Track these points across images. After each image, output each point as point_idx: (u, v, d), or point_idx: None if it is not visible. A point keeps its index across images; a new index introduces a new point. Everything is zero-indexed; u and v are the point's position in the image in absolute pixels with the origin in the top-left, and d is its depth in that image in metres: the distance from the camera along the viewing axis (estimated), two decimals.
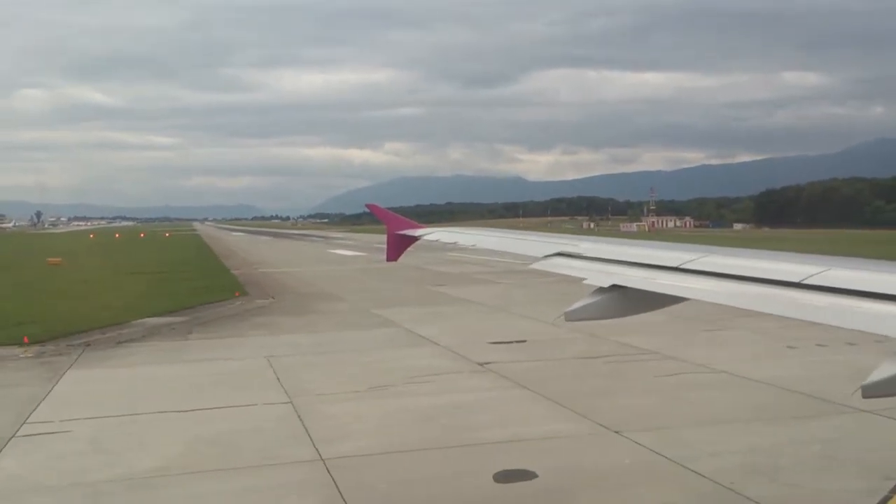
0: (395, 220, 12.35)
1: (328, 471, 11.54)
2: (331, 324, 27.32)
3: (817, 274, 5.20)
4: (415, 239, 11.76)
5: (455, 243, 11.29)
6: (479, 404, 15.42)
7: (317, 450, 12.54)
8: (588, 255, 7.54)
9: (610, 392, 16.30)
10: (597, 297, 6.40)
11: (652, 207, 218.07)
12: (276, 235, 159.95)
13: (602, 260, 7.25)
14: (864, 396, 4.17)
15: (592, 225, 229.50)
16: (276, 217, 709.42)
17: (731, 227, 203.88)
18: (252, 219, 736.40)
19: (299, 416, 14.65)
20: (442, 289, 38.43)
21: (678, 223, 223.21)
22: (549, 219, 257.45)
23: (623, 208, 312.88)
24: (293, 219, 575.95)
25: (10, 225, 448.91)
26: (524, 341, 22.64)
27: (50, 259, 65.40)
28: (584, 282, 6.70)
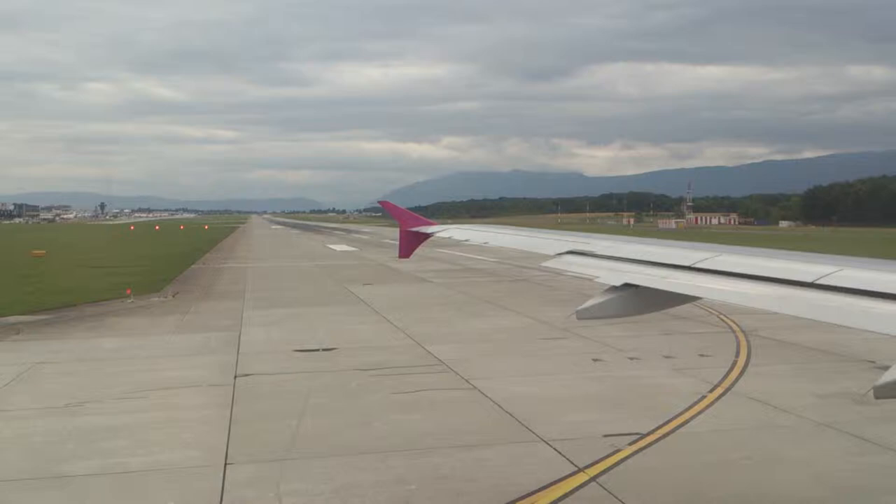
0: (407, 217, 12.26)
1: None
2: (178, 325, 25.72)
3: (830, 274, 5.17)
4: (427, 236, 11.73)
5: (467, 240, 11.12)
6: (136, 427, 13.39)
7: None
8: (600, 253, 7.53)
9: (294, 413, 14.13)
10: (609, 296, 6.34)
11: (689, 204, 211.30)
12: (309, 229, 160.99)
13: (614, 258, 7.23)
14: (877, 397, 4.14)
15: (632, 221, 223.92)
16: (333, 210, 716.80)
17: (777, 224, 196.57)
18: (310, 212, 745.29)
19: None
20: (357, 288, 36.62)
21: (722, 220, 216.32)
22: (589, 214, 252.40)
23: (672, 204, 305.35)
24: (349, 212, 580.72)
25: (72, 216, 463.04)
26: (333, 349, 20.65)
27: (34, 251, 65.96)
28: (596, 280, 6.66)
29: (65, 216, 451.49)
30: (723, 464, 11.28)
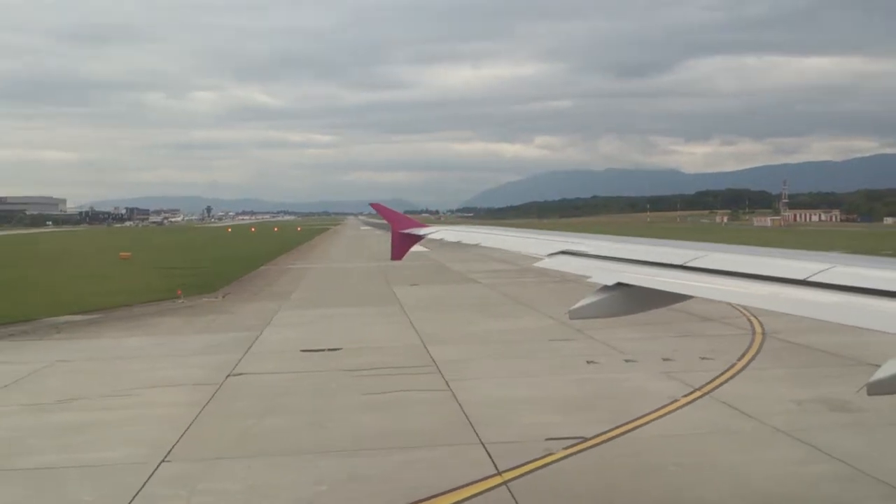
0: (399, 219, 12.39)
1: None
2: (208, 326, 26.64)
3: (822, 271, 5.13)
4: (419, 238, 11.86)
5: (458, 242, 11.19)
6: (102, 424, 14.02)
7: None
8: (592, 253, 7.61)
9: (259, 413, 14.48)
10: (601, 296, 6.34)
11: (785, 200, 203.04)
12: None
13: (607, 258, 7.26)
14: (870, 394, 4.09)
15: (726, 219, 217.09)
16: (427, 211, 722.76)
17: (882, 221, 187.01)
18: (404, 212, 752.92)
19: None
20: (401, 289, 37.00)
21: (823, 217, 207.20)
22: (681, 213, 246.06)
23: (772, 201, 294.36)
24: (441, 213, 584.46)
25: (180, 219, 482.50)
26: (338, 349, 21.02)
27: (122, 253, 69.29)
28: (589, 280, 6.64)
29: (173, 219, 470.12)
30: (649, 470, 11.00)
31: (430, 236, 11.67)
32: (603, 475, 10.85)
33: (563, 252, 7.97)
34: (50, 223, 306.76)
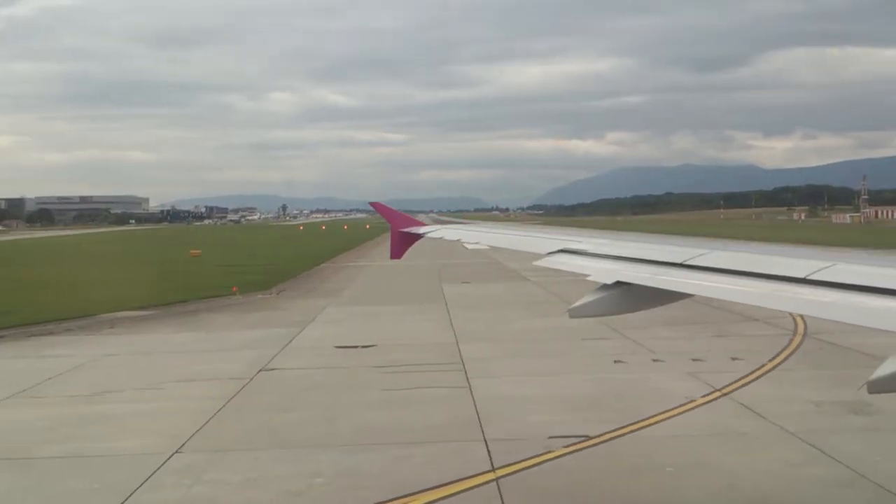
0: (398, 217, 12.35)
1: None
2: (255, 322, 27.38)
3: (823, 269, 5.12)
4: (419, 236, 11.83)
5: (458, 240, 11.27)
6: (126, 416, 14.67)
7: None
8: (591, 251, 7.59)
9: (278, 408, 14.91)
10: (601, 294, 6.35)
11: (864, 197, 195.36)
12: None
13: (606, 256, 7.25)
14: (870, 392, 4.08)
15: (803, 216, 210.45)
16: (496, 208, 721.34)
17: None
18: (474, 210, 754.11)
19: None
20: (451, 287, 37.28)
21: None
22: (756, 210, 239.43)
23: (853, 197, 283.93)
24: (511, 210, 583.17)
25: (256, 217, 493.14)
26: (372, 346, 21.40)
27: (192, 251, 71.34)
28: (588, 278, 6.66)
29: (250, 217, 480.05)
30: (641, 470, 10.99)
31: (430, 235, 11.70)
32: (593, 474, 10.90)
33: (562, 251, 7.94)
34: (133, 221, 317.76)
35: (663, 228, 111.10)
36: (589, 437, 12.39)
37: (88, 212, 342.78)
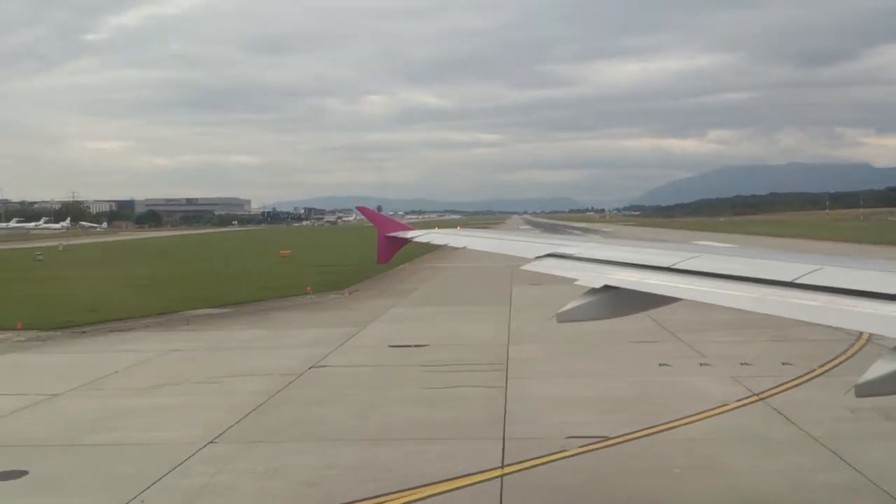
0: (384, 222, 12.56)
1: None
2: (321, 321, 28.28)
3: (810, 273, 5.19)
4: (406, 241, 11.96)
5: (446, 245, 11.34)
6: (175, 408, 15.52)
7: None
8: (579, 255, 7.66)
9: (317, 402, 15.51)
10: (588, 298, 6.42)
11: None
12: (553, 229, 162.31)
13: (594, 261, 7.30)
14: (858, 395, 4.12)
15: None
16: (592, 209, 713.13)
17: None
18: (569, 211, 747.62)
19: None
20: (520, 288, 37.42)
21: None
22: (865, 210, 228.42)
23: None
24: (607, 211, 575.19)
25: (352, 218, 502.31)
26: (425, 345, 21.88)
27: (283, 252, 73.63)
28: (576, 283, 6.75)
29: (346, 218, 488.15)
30: (650, 471, 11.06)
31: (416, 239, 11.63)
32: (596, 473, 11.04)
33: (550, 255, 7.97)
34: (235, 223, 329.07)
35: (756, 230, 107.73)
36: (607, 438, 12.50)
37: (193, 213, 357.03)
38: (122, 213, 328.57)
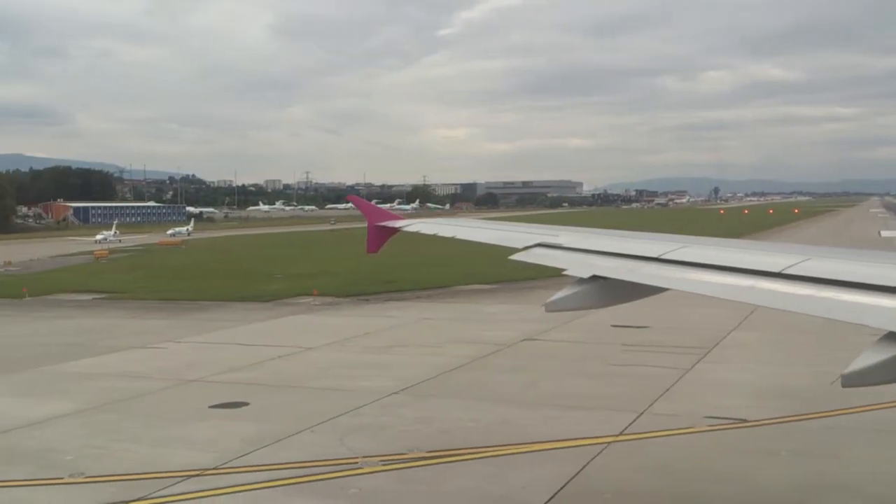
0: (375, 211, 12.46)
1: None
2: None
3: (796, 264, 5.28)
4: (395, 230, 11.67)
5: (435, 234, 11.04)
6: (392, 365, 18.20)
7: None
8: (568, 245, 7.62)
9: (507, 369, 17.14)
10: (577, 288, 6.46)
11: None
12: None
13: (583, 251, 7.29)
14: (844, 385, 4.23)
15: None
16: None
17: None
18: None
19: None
20: None
21: None
22: None
23: None
24: None
25: (685, 200, 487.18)
26: (646, 327, 22.54)
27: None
28: (565, 272, 6.84)
29: (678, 201, 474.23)
30: (748, 453, 11.42)
31: (405, 229, 11.33)
32: (695, 450, 11.64)
33: (539, 245, 7.91)
34: (566, 205, 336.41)
35: None
36: (744, 421, 12.81)
37: (528, 195, 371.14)
38: (464, 195, 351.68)
